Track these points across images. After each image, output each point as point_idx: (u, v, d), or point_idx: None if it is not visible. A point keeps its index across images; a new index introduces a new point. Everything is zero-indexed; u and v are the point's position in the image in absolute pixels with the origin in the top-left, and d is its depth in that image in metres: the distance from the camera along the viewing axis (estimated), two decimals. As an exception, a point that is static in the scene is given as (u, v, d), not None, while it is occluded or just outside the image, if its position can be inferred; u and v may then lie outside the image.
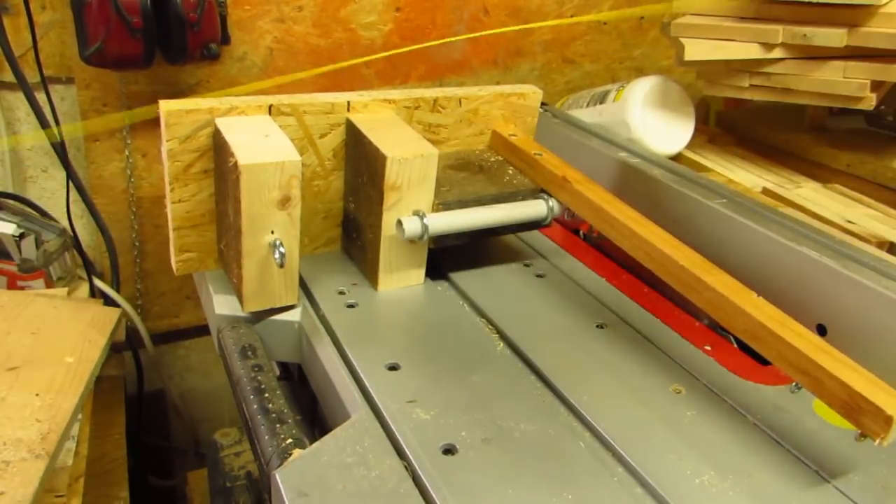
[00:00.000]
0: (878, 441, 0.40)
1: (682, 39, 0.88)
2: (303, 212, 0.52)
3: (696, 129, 0.94)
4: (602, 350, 0.55)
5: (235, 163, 0.48)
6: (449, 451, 0.43)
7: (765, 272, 0.59)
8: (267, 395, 0.47)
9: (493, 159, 0.67)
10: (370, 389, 0.48)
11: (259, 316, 0.56)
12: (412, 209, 0.57)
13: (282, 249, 0.51)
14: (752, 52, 0.85)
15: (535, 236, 0.73)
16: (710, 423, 0.48)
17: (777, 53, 0.85)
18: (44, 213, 0.91)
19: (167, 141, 0.53)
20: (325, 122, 0.58)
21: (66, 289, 0.89)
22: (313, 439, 0.43)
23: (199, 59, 0.87)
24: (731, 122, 1.10)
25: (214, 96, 0.56)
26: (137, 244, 1.00)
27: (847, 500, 0.43)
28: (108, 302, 0.92)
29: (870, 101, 0.80)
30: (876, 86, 0.80)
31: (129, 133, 0.94)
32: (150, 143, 0.95)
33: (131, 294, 1.03)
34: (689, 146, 0.94)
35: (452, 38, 1.04)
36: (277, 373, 0.68)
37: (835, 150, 0.94)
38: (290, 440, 0.43)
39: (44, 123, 0.88)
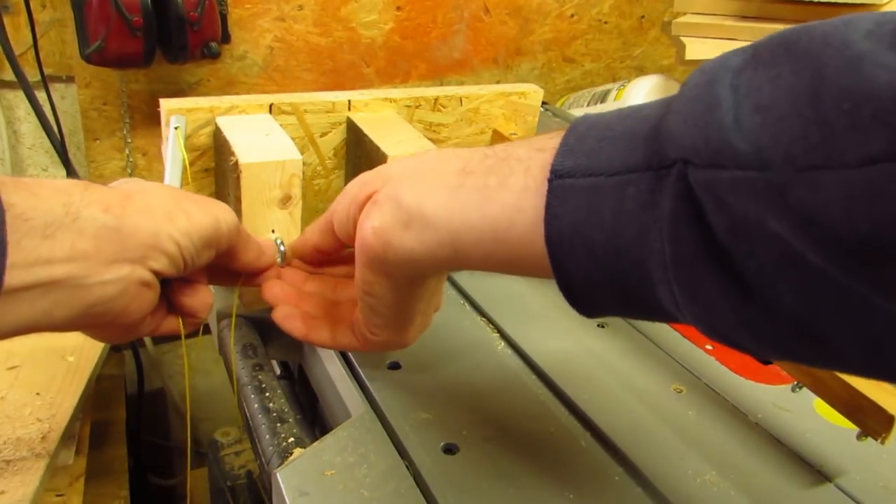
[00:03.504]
0: (879, 440, 0.40)
1: (684, 39, 0.88)
2: (304, 211, 0.52)
3: (697, 129, 0.94)
4: (603, 349, 0.54)
5: (236, 162, 0.48)
6: (450, 450, 0.43)
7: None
8: (267, 394, 0.47)
9: (493, 158, 0.67)
10: (371, 388, 0.48)
11: (260, 315, 0.56)
12: (413, 208, 0.57)
13: (283, 248, 0.51)
14: (753, 51, 0.85)
15: (535, 235, 0.73)
16: (712, 422, 0.48)
17: (778, 52, 0.84)
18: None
19: (168, 140, 0.53)
20: (325, 121, 0.58)
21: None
22: (314, 438, 0.43)
23: (200, 57, 0.87)
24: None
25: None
26: (138, 243, 1.00)
27: (848, 500, 0.43)
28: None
29: (871, 101, 0.80)
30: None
31: (130, 132, 0.94)
32: (151, 142, 0.95)
33: (131, 293, 1.03)
34: (690, 145, 0.94)
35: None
36: (278, 372, 0.68)
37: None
38: (290, 439, 0.43)
39: (44, 122, 0.88)
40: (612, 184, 0.28)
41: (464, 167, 0.35)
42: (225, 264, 0.45)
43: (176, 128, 0.51)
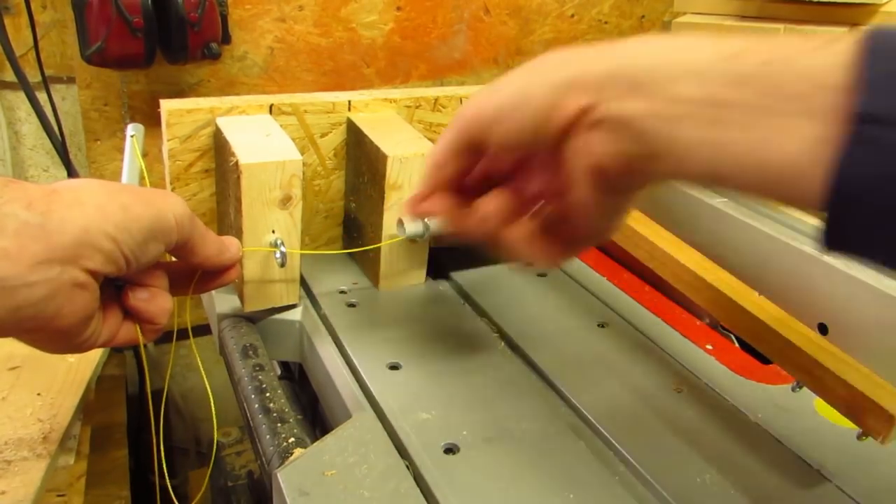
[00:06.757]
0: (879, 440, 0.40)
1: (683, 38, 0.87)
2: (304, 211, 0.52)
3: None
4: (603, 349, 0.55)
5: (236, 162, 0.48)
6: (450, 450, 0.43)
7: (765, 271, 0.59)
8: (268, 394, 0.48)
9: (493, 158, 0.67)
10: (371, 389, 0.48)
11: (260, 315, 0.56)
12: (413, 208, 0.57)
13: (283, 249, 0.51)
14: (753, 51, 0.85)
15: (535, 235, 0.73)
16: (712, 422, 0.48)
17: (778, 52, 0.84)
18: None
19: (168, 140, 0.53)
20: (325, 122, 0.58)
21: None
22: (314, 438, 0.43)
23: (200, 58, 0.87)
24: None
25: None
26: (138, 243, 1.00)
27: (848, 500, 0.43)
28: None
29: (871, 100, 0.80)
30: (877, 85, 0.80)
31: (130, 132, 0.94)
32: (151, 143, 0.95)
33: (132, 293, 1.03)
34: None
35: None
36: (278, 372, 0.68)
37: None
38: (291, 439, 0.43)
39: (45, 123, 0.88)
40: None
41: (712, 96, 0.29)
42: (184, 260, 0.43)
43: (132, 136, 0.51)
